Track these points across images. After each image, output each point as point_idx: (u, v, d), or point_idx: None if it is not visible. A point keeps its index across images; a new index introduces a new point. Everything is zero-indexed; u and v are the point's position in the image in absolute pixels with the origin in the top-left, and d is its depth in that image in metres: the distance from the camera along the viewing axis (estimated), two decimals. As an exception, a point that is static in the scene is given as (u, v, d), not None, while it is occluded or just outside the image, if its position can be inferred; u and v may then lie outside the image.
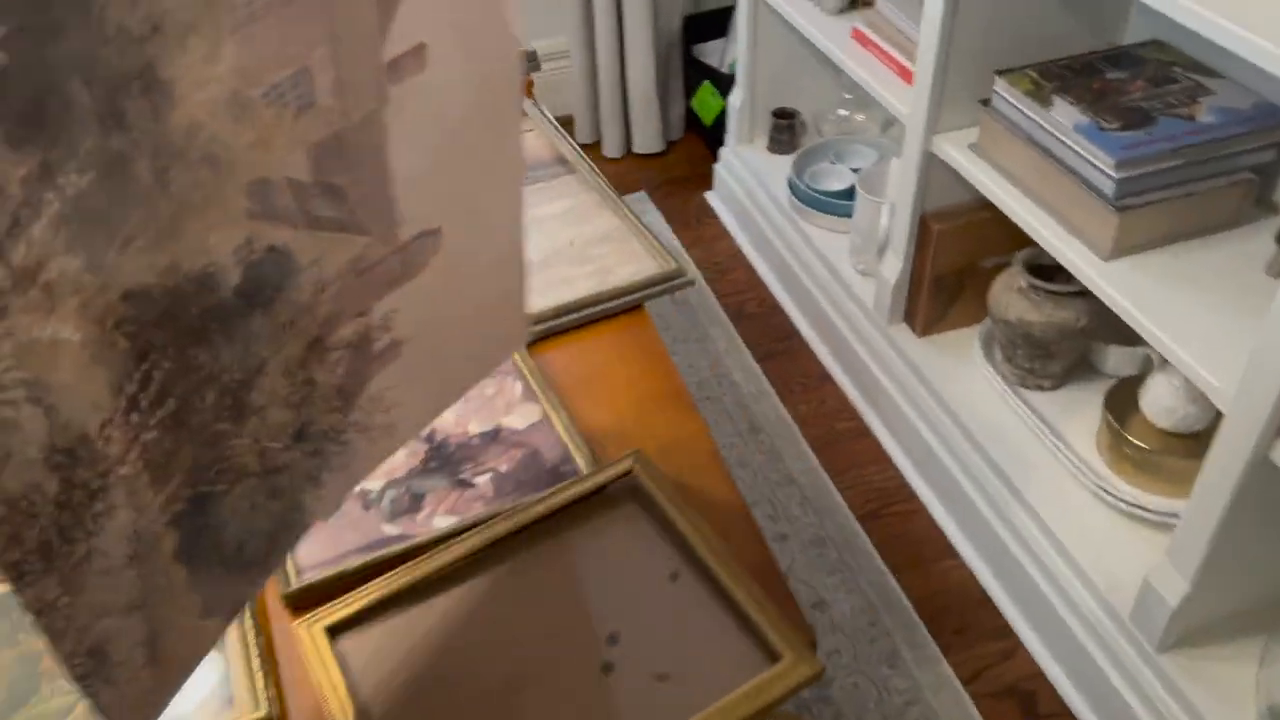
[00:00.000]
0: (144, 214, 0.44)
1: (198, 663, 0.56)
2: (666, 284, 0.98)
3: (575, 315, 0.95)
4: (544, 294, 0.96)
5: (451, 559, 0.73)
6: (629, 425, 0.84)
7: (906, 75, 1.47)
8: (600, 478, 0.77)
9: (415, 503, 0.78)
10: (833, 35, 1.69)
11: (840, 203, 1.85)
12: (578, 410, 0.86)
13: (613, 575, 0.72)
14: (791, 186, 1.94)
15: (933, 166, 1.44)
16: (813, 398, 1.77)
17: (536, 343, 0.93)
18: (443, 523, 0.77)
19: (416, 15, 0.52)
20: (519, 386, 0.86)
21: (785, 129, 2.06)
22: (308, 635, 0.69)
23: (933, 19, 1.32)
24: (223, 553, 0.56)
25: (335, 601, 0.71)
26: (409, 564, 0.73)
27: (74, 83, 0.38)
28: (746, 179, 2.09)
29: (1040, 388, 1.48)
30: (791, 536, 1.53)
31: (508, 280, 0.71)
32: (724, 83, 2.23)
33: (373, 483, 0.80)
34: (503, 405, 0.85)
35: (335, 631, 0.70)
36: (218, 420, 0.52)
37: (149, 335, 0.46)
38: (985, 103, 1.31)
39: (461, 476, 0.80)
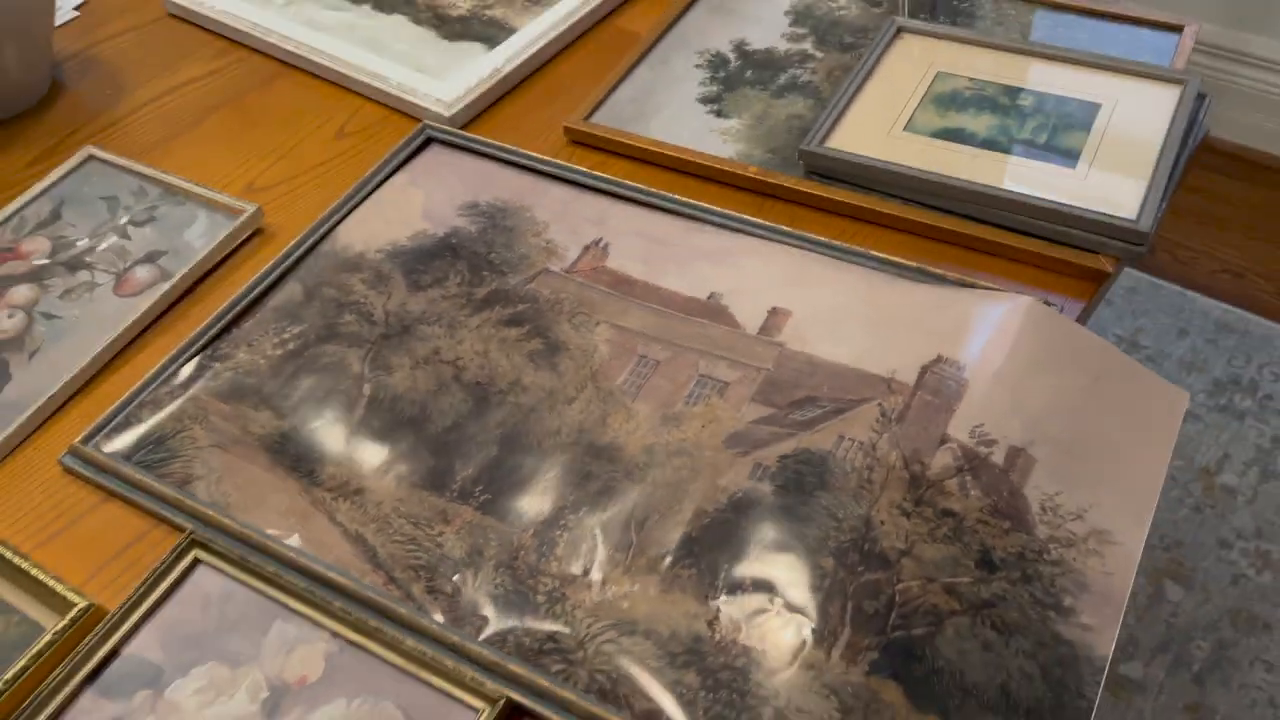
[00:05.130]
0: (644, 502, 0.58)
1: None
2: None
3: None
4: None
5: None
6: None
7: None
8: None
9: None
10: None
11: None
12: None
13: None
14: None
15: None
16: None
17: None
18: None
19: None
20: None
21: None
22: None
23: None
24: (980, 698, 0.48)
25: None
26: None
27: (551, 474, 0.60)
28: None
29: None
30: None
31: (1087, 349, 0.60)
32: None
33: None
34: None
35: None
36: (845, 568, 0.52)
37: (711, 556, 0.54)
38: None
39: None
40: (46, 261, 0.77)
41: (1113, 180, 0.71)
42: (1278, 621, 1.25)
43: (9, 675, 0.53)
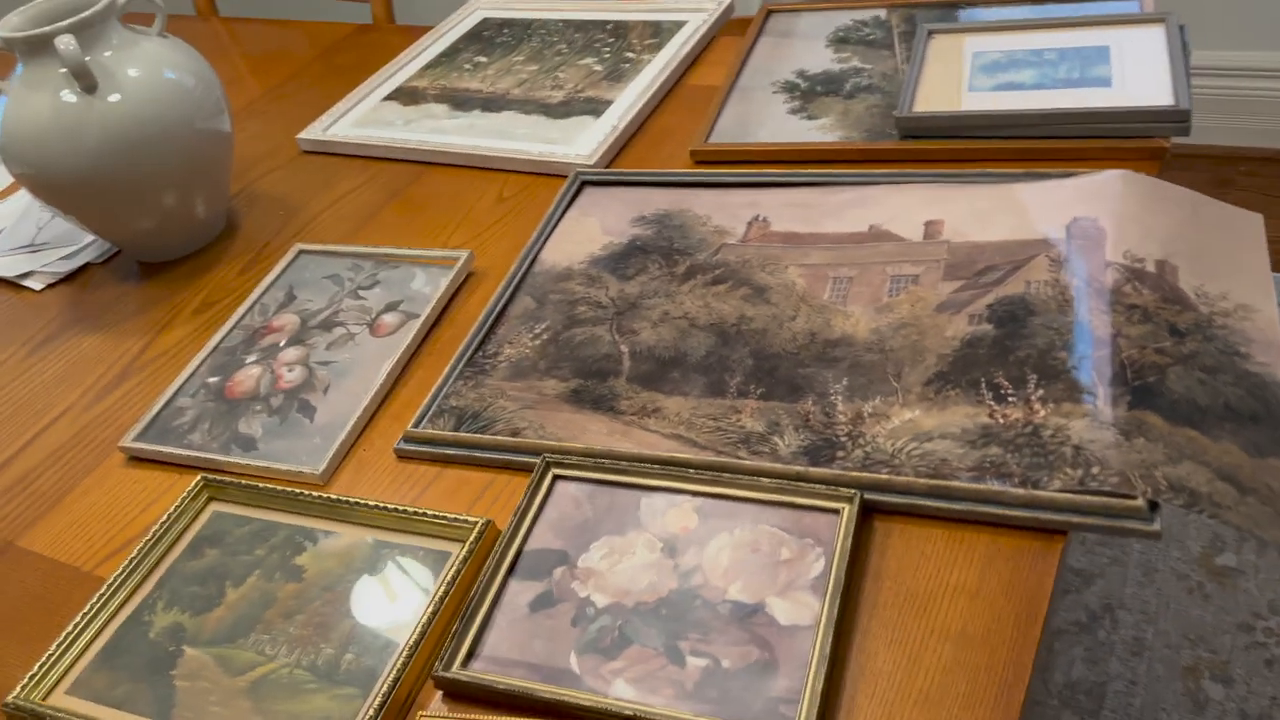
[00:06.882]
0: (891, 363, 0.73)
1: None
2: None
3: None
4: None
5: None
6: None
7: None
8: None
9: (617, 646, 0.61)
10: None
11: None
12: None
13: None
14: None
15: None
16: None
17: None
18: (623, 691, 0.59)
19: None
20: (819, 566, 0.62)
21: None
22: None
23: None
24: (1213, 413, 0.65)
25: None
26: None
27: (804, 366, 0.75)
28: None
29: None
30: None
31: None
32: None
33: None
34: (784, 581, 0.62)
35: None
36: (1080, 353, 0.68)
37: (969, 376, 0.69)
38: None
39: (677, 644, 0.60)
40: (299, 329, 0.90)
41: (1144, 87, 0.91)
42: (1330, 500, 1.41)
43: (446, 577, 0.65)
